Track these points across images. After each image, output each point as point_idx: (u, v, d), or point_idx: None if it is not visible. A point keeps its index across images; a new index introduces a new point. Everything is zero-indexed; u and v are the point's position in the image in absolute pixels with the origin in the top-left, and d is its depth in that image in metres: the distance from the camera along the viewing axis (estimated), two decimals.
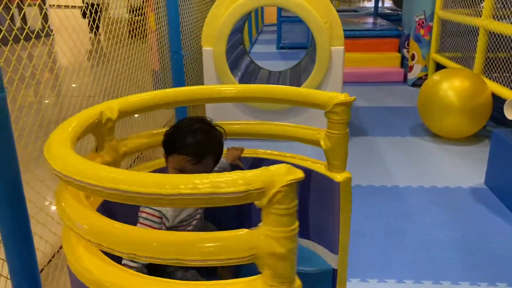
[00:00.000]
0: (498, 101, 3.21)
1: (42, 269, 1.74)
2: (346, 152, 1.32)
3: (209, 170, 1.26)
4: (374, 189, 2.65)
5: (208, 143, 1.24)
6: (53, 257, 1.83)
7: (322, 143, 1.34)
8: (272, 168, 0.75)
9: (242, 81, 3.44)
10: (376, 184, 2.70)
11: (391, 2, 10.15)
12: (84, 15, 2.15)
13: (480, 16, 3.54)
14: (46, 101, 3.24)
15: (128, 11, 2.57)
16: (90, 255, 1.00)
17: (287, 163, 0.78)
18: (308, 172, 1.41)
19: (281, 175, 0.74)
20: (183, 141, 1.22)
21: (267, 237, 0.77)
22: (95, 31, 1.97)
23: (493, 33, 3.40)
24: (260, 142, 1.65)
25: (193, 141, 1.21)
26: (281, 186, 0.73)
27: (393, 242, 2.13)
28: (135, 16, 2.75)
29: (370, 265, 1.96)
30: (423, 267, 1.94)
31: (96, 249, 1.01)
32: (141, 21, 2.84)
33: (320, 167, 1.40)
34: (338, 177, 1.31)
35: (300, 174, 0.75)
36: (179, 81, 2.98)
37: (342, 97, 1.27)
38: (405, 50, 5.17)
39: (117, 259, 0.98)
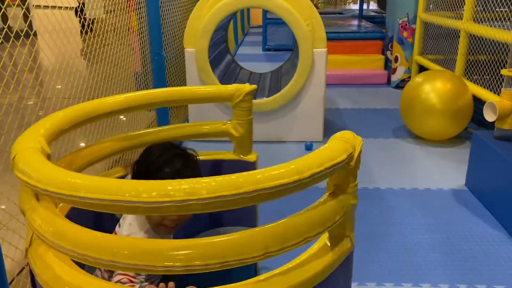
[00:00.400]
0: (479, 103, 3.24)
1: (13, 278, 1.70)
2: (252, 135, 1.56)
3: None
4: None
5: (188, 168, 1.15)
6: (26, 265, 1.78)
7: (233, 132, 1.51)
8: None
9: (222, 81, 3.41)
10: (358, 187, 2.69)
11: (375, 4, 10.22)
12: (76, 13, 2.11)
13: (461, 19, 3.57)
14: (30, 103, 3.18)
15: (105, 11, 2.52)
16: (60, 264, 0.96)
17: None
18: (222, 162, 1.58)
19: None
20: (162, 173, 1.11)
21: None
22: (87, 30, 1.94)
23: (474, 35, 3.43)
24: None
25: (173, 170, 1.11)
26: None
27: (374, 244, 2.12)
28: (114, 16, 2.71)
29: None
30: (403, 270, 1.94)
31: (66, 257, 0.97)
32: (121, 22, 2.80)
33: (230, 155, 1.58)
34: (251, 157, 1.55)
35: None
36: (160, 83, 2.95)
37: (248, 87, 1.47)
38: (388, 52, 5.19)
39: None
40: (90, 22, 2.09)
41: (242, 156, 1.57)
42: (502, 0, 3.12)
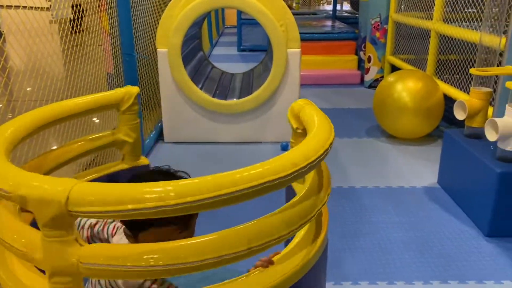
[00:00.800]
0: (449, 102, 3.31)
1: None
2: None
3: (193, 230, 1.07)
4: (331, 190, 2.65)
5: None
6: None
7: (126, 138, 1.48)
8: None
9: (193, 79, 3.37)
10: (333, 186, 2.71)
11: (349, 5, 10.34)
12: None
13: (432, 20, 3.64)
14: None
15: (73, 12, 2.46)
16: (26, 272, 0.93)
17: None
18: (117, 174, 1.51)
19: None
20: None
21: None
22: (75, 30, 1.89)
23: (444, 36, 3.50)
24: None
25: None
26: None
27: (349, 243, 2.13)
28: (83, 16, 2.65)
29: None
30: (378, 268, 1.95)
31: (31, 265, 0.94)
32: (91, 22, 2.74)
33: (123, 165, 1.55)
34: (144, 161, 1.57)
35: None
36: (132, 84, 2.89)
37: (135, 88, 1.48)
38: (361, 53, 5.25)
39: None
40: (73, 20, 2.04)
41: (135, 162, 1.55)
42: (470, 1, 3.19)
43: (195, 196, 0.76)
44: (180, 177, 1.10)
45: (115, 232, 1.15)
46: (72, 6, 1.95)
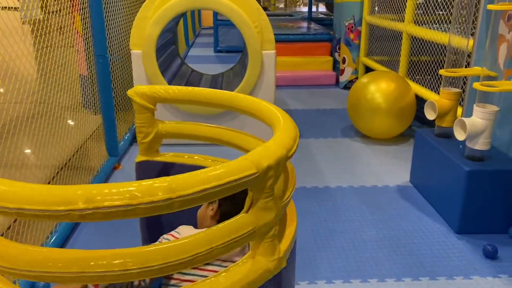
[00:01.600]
0: (421, 102, 3.37)
1: None
2: None
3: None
4: (306, 190, 2.68)
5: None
6: None
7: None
8: None
9: (172, 83, 3.36)
10: (308, 186, 2.74)
11: (324, 7, 10.44)
12: None
13: (403, 22, 3.71)
14: None
15: (43, 12, 2.41)
16: None
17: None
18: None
19: None
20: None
21: None
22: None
23: (415, 37, 3.58)
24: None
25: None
26: None
27: (323, 242, 2.16)
28: (56, 17, 2.60)
29: (300, 267, 1.96)
30: (352, 266, 1.98)
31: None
32: (63, 23, 2.70)
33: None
34: None
35: None
36: (105, 86, 2.86)
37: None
38: (336, 54, 5.32)
39: None
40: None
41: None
42: (440, 3, 3.27)
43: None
44: None
45: None
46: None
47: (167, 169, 1.53)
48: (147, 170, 1.52)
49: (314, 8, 8.35)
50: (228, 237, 0.88)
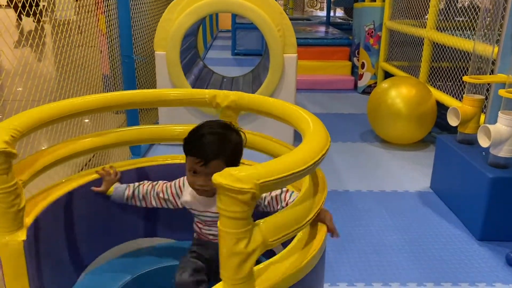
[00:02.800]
0: (442, 108, 3.37)
1: None
2: None
3: None
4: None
5: (217, 145, 1.28)
6: None
7: None
8: None
9: (195, 85, 3.41)
10: (328, 189, 2.74)
11: (342, 11, 10.44)
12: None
13: (425, 28, 3.71)
14: None
15: (75, 13, 2.47)
16: None
17: None
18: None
19: None
20: (193, 143, 1.29)
21: None
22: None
23: (437, 43, 3.57)
24: None
25: (201, 143, 1.27)
26: None
27: (344, 245, 2.17)
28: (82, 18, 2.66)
29: None
30: (373, 270, 1.99)
31: None
32: (89, 24, 2.76)
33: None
34: None
35: None
36: (130, 86, 2.92)
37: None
38: (355, 59, 5.32)
39: None
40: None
41: None
42: (461, 10, 3.27)
43: None
44: (233, 134, 1.34)
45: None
46: None
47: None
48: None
49: (331, 13, 8.35)
50: None
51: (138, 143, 1.68)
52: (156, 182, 1.46)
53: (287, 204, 1.33)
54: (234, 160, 1.33)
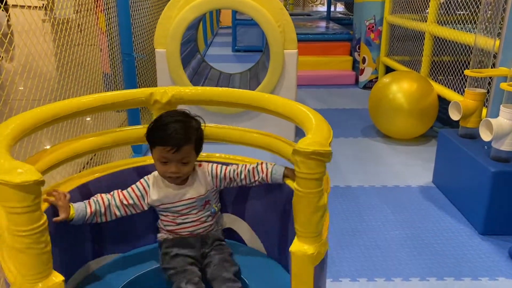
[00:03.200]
0: (443, 103, 3.36)
1: None
2: None
3: (193, 158, 1.37)
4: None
5: (184, 131, 1.32)
6: None
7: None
8: None
9: (192, 80, 3.40)
10: (330, 185, 2.74)
11: (343, 6, 10.40)
12: None
13: (426, 22, 3.69)
14: None
15: (75, 11, 2.47)
16: None
17: None
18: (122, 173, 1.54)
19: None
20: (160, 133, 1.32)
21: None
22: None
23: (438, 37, 3.56)
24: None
25: (169, 132, 1.31)
26: None
27: (346, 241, 2.17)
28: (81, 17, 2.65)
29: None
30: (375, 265, 1.99)
31: None
32: (89, 22, 2.75)
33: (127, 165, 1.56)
34: None
35: None
36: (131, 84, 2.91)
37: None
38: (356, 54, 5.30)
39: None
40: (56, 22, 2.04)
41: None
42: (462, 4, 3.25)
43: None
44: (193, 120, 1.39)
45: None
46: None
47: None
48: None
49: (332, 8, 8.33)
50: None
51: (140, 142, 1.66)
52: (112, 192, 1.38)
53: (266, 175, 1.39)
54: (200, 144, 1.40)
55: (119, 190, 1.39)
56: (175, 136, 1.30)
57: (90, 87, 2.91)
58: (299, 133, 3.34)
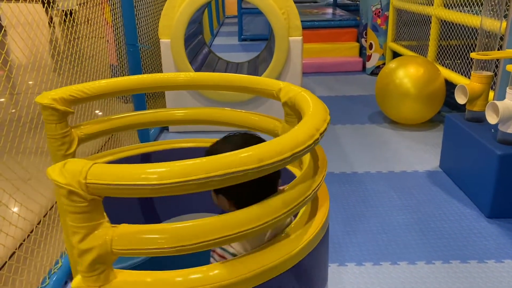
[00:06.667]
0: (451, 87, 3.33)
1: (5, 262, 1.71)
2: None
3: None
4: (334, 176, 2.70)
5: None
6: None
7: (280, 132, 1.41)
8: None
9: (200, 71, 3.41)
10: (336, 171, 2.75)
11: None
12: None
13: (432, 5, 3.64)
14: (1, 100, 3.11)
15: (77, 3, 2.48)
16: None
17: None
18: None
19: None
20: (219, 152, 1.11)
21: None
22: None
23: (445, 21, 3.51)
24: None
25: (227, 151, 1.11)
26: None
27: (353, 226, 2.18)
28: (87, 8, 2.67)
29: (331, 249, 2.00)
30: (381, 249, 2.00)
31: None
32: (94, 13, 2.76)
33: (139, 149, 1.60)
34: None
35: None
36: (136, 74, 2.92)
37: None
38: (363, 40, 5.26)
39: None
40: (65, 14, 2.07)
41: None
42: None
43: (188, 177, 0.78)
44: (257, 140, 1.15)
45: None
46: None
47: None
48: None
49: None
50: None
51: (151, 125, 1.67)
52: None
53: None
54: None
55: None
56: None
57: (97, 78, 2.94)
58: None
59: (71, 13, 2.22)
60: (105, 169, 0.79)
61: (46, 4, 2.17)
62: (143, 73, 3.10)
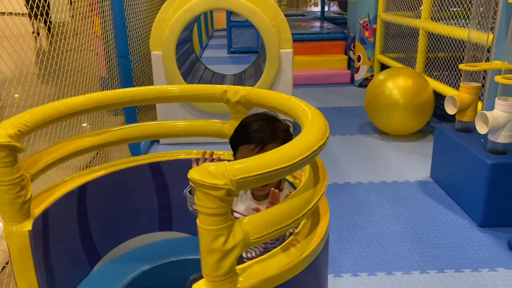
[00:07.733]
0: (439, 98, 3.38)
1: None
2: None
3: None
4: (327, 187, 2.70)
5: (269, 129, 1.24)
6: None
7: (227, 132, 1.54)
8: None
9: (186, 80, 3.40)
10: (329, 182, 2.76)
11: (337, 6, 10.43)
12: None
13: (420, 18, 3.71)
14: None
15: (70, 15, 2.48)
16: None
17: None
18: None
19: None
20: (244, 130, 1.25)
21: None
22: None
23: (432, 34, 3.58)
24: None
25: (253, 129, 1.23)
26: None
27: (347, 237, 2.18)
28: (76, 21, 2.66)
29: None
30: (376, 260, 2.00)
31: None
32: (84, 26, 2.76)
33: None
34: None
35: None
36: (127, 86, 2.92)
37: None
38: (351, 52, 5.33)
39: None
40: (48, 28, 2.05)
41: None
42: (454, 0, 3.27)
43: None
44: (280, 121, 1.31)
45: None
46: None
47: None
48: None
49: (325, 8, 8.36)
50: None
51: (142, 139, 1.68)
52: None
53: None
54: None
55: None
56: (258, 134, 1.21)
57: (86, 91, 2.91)
58: (297, 130, 3.35)
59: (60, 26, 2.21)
60: (243, 165, 0.83)
61: (33, 17, 2.16)
62: (135, 85, 3.09)
